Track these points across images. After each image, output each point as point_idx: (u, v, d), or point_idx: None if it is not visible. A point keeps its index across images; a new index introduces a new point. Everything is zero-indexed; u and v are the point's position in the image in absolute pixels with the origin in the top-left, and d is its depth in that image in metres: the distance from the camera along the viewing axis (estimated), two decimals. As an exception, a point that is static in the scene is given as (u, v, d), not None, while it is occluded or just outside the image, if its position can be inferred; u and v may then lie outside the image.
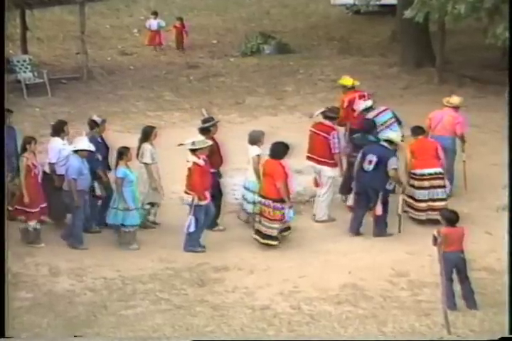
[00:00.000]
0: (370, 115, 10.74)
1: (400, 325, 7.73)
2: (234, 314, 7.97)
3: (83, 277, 8.80)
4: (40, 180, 9.39)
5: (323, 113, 10.34)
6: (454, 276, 7.94)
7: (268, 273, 8.91)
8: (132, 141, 12.30)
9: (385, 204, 9.72)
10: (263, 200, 9.44)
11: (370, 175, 9.67)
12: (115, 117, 14.58)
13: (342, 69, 17.53)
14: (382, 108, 10.97)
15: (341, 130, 10.89)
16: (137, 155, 9.85)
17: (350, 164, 10.14)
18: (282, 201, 9.34)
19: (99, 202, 9.89)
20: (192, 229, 9.21)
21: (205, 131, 9.83)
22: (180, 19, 19.87)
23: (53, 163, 9.67)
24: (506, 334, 6.95)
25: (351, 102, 11.13)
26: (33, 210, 9.29)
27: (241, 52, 19.23)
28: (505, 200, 7.62)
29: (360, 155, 9.84)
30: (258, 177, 9.70)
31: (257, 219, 9.57)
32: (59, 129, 9.86)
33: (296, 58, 18.56)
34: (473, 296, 7.99)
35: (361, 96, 11.20)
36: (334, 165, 10.14)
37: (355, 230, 9.84)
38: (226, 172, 10.49)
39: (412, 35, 17.09)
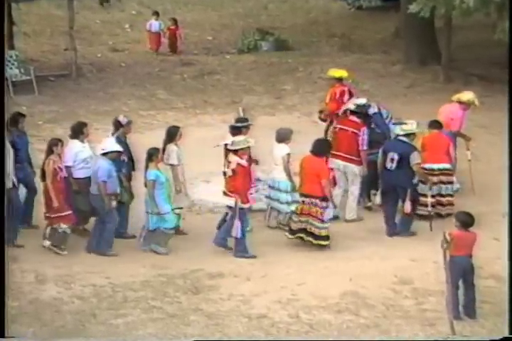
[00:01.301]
0: (371, 111, 10.80)
1: (403, 335, 7.73)
2: (229, 323, 7.97)
3: (71, 284, 8.77)
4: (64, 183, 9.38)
5: (349, 109, 10.51)
6: (460, 283, 7.94)
7: (265, 280, 8.90)
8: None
9: (414, 202, 9.89)
10: (308, 199, 9.51)
11: (394, 173, 9.83)
12: (106, 117, 14.53)
13: (343, 67, 17.36)
14: (374, 103, 11.09)
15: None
16: (162, 157, 9.86)
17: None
18: (327, 200, 9.45)
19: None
20: (239, 234, 9.24)
21: (236, 130, 9.86)
22: (174, 20, 19.31)
23: (69, 166, 9.64)
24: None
25: (342, 95, 11.31)
26: (64, 213, 9.29)
27: (237, 49, 19.27)
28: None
29: (380, 153, 10.01)
30: (289, 176, 9.78)
31: (295, 218, 9.61)
32: (78, 131, 9.80)
33: (295, 55, 18.59)
34: (474, 305, 8.01)
35: (347, 92, 11.30)
36: (360, 162, 10.29)
37: (394, 230, 9.96)
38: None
39: (416, 31, 17.12)
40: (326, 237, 9.56)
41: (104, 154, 9.34)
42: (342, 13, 22.13)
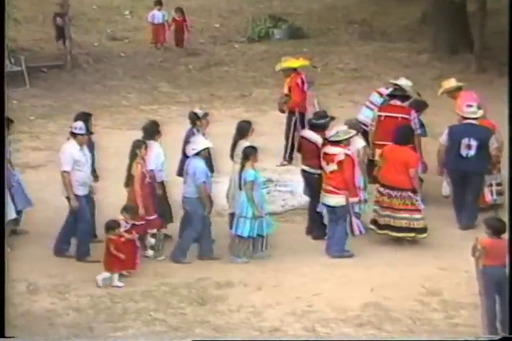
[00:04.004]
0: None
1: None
2: (239, 336, 7.98)
3: (66, 295, 8.80)
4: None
5: (391, 93, 10.78)
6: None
7: (278, 290, 8.91)
8: (123, 138, 12.37)
9: (481, 190, 10.14)
10: (396, 192, 9.65)
11: (471, 161, 10.00)
12: (104, 111, 14.63)
13: (364, 56, 17.56)
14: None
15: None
16: (231, 154, 9.92)
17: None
18: (416, 191, 9.64)
19: None
20: (362, 229, 9.47)
21: (317, 127, 9.93)
22: (181, 10, 18.70)
23: (152, 170, 9.66)
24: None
25: (303, 83, 11.69)
26: (150, 218, 9.37)
27: (247, 37, 19.27)
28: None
29: (446, 139, 10.11)
30: (363, 170, 9.90)
31: (381, 212, 9.75)
32: (153, 131, 9.81)
33: (311, 44, 18.59)
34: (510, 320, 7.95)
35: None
36: (414, 149, 10.33)
37: (469, 223, 10.07)
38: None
39: (446, 16, 17.06)
40: (424, 229, 9.72)
41: (196, 154, 9.39)
42: (362, -3, 22.11)
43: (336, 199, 9.50)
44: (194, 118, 10.10)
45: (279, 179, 11.40)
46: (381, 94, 11.38)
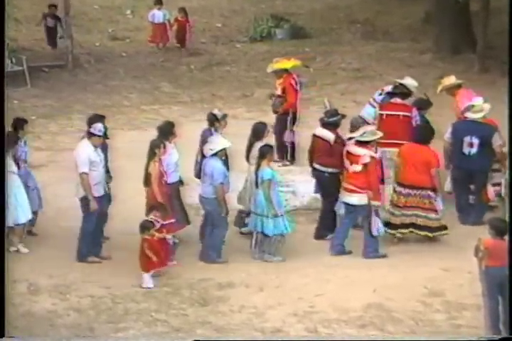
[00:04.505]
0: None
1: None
2: (241, 337, 7.98)
3: (67, 295, 8.79)
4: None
5: (392, 91, 10.83)
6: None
7: (280, 291, 8.90)
8: (125, 138, 12.39)
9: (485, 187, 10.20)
10: (415, 191, 9.70)
11: (474, 158, 10.04)
12: (105, 111, 14.45)
13: (366, 56, 17.56)
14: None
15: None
16: (247, 156, 9.91)
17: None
18: (437, 190, 9.71)
19: None
20: (379, 231, 9.46)
21: (330, 125, 9.94)
22: (184, 10, 18.35)
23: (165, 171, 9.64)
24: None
25: (296, 84, 11.74)
26: (167, 222, 9.31)
27: (249, 37, 19.27)
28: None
29: (450, 136, 10.21)
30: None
31: (397, 212, 9.76)
32: (168, 131, 9.75)
33: (313, 44, 18.59)
34: None
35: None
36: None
37: (469, 219, 10.14)
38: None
39: (449, 16, 17.05)
40: (444, 227, 9.78)
41: (213, 154, 9.40)
42: (365, -3, 22.11)
43: (357, 198, 9.48)
44: (213, 120, 10.07)
45: (281, 179, 11.39)
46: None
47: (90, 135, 9.36)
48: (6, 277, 7.25)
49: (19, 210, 9.46)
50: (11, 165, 9.35)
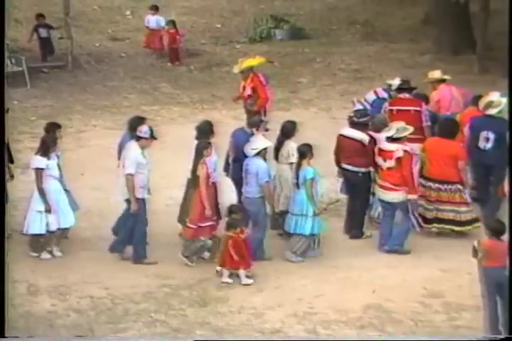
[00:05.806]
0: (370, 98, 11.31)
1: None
2: (240, 338, 7.98)
3: (66, 296, 8.80)
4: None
5: (400, 87, 10.89)
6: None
7: (279, 292, 8.91)
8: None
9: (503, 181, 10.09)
10: (445, 186, 9.79)
11: (490, 153, 10.08)
12: (105, 112, 14.67)
13: (366, 57, 17.58)
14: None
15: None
16: (276, 155, 9.91)
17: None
18: (463, 183, 9.82)
19: None
20: (416, 225, 9.53)
21: (360, 125, 9.96)
22: (173, 23, 17.62)
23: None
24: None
25: (265, 81, 12.24)
26: (205, 224, 9.33)
27: (249, 37, 19.30)
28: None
29: (468, 131, 10.24)
30: None
31: (429, 206, 9.86)
32: (207, 131, 9.69)
33: (313, 45, 18.61)
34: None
35: None
36: (424, 140, 10.38)
37: (490, 213, 10.06)
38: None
39: (449, 17, 17.09)
40: (477, 219, 9.85)
41: (256, 154, 9.43)
42: (364, -2, 22.13)
43: (393, 195, 9.54)
44: (257, 123, 10.06)
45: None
46: (377, 94, 11.43)
47: (138, 138, 9.35)
48: (6, 277, 7.26)
49: (61, 216, 9.41)
50: (53, 170, 9.38)
